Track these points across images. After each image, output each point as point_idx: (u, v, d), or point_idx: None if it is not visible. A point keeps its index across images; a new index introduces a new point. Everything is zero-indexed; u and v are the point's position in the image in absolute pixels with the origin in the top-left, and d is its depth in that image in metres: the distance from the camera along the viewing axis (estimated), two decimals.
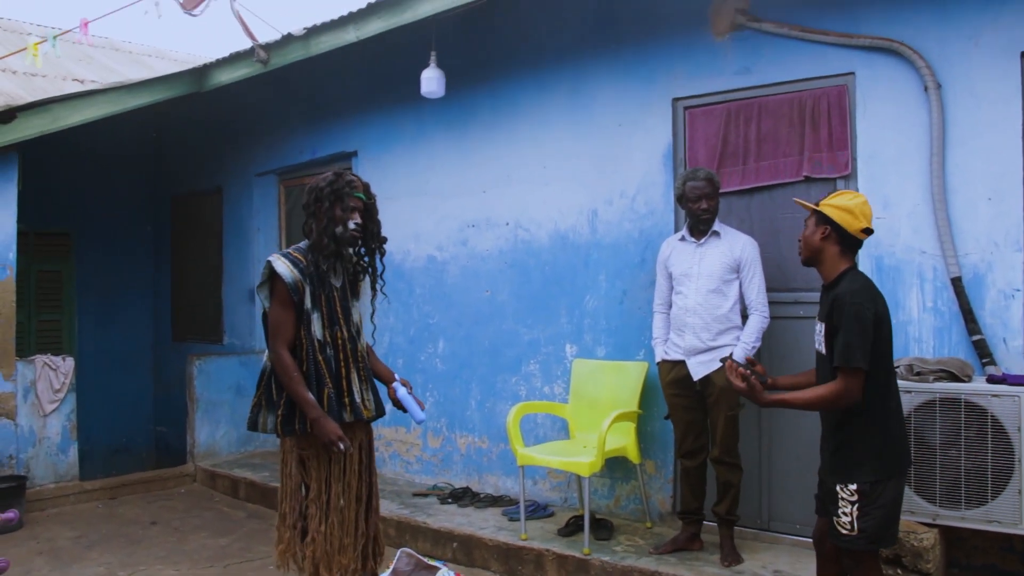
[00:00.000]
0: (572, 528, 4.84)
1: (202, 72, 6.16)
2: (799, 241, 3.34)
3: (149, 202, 8.99)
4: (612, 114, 5.22)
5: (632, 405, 4.87)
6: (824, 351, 3.15)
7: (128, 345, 8.73)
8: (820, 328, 3.19)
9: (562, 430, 5.46)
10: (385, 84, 6.33)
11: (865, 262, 4.28)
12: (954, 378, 3.72)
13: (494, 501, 5.54)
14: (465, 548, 4.92)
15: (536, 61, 5.55)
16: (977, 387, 3.65)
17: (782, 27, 4.52)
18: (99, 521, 5.82)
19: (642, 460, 4.94)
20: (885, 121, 4.26)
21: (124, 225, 8.82)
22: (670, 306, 4.58)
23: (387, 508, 5.31)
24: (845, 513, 3.04)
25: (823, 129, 4.43)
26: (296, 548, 3.50)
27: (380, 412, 3.68)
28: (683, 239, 4.48)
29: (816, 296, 4.36)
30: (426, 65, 5.53)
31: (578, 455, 4.71)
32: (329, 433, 3.35)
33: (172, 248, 8.67)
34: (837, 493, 3.06)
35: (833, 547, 3.28)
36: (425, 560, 3.67)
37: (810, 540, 4.35)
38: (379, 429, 5.77)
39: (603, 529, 4.78)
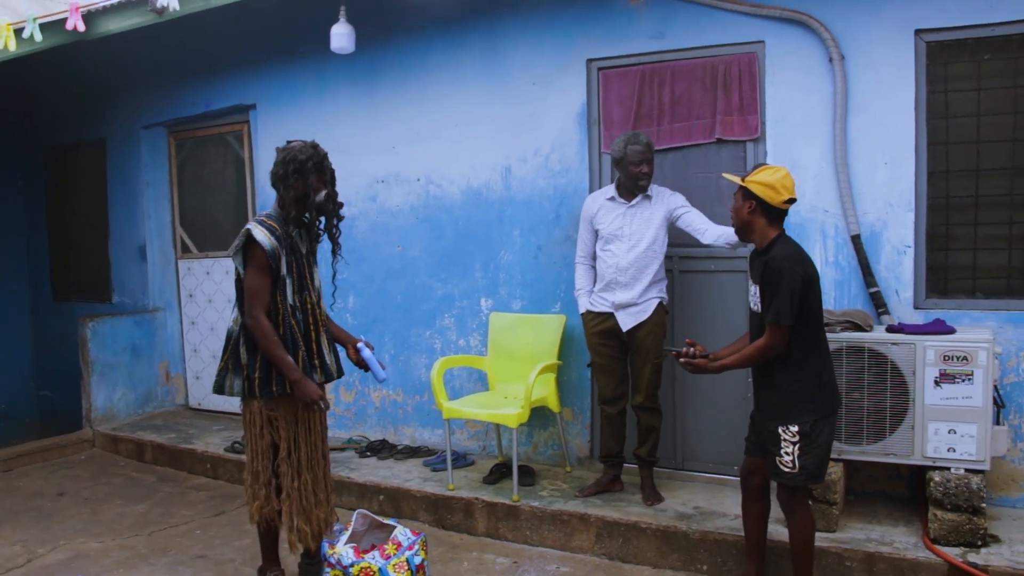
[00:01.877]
0: (496, 476, 5.05)
1: (87, 20, 5.75)
2: (732, 213, 3.60)
3: (19, 154, 8.32)
4: (526, 73, 5.30)
5: (552, 356, 5.08)
6: (759, 310, 3.47)
7: (1, 307, 8.19)
8: (755, 290, 3.50)
9: (478, 381, 5.63)
10: (287, 36, 6.14)
11: None
12: (858, 328, 4.11)
13: (413, 452, 5.68)
14: (392, 500, 5.05)
15: (447, 18, 5.52)
16: (878, 336, 4.06)
17: None
18: None
19: (561, 408, 5.19)
20: (792, 88, 4.56)
21: None
22: (592, 258, 4.78)
23: None
24: (787, 453, 3.40)
25: (734, 94, 4.69)
26: (273, 504, 3.69)
27: (340, 373, 3.86)
28: (612, 199, 4.63)
29: (729, 252, 4.73)
30: (332, 17, 5.41)
31: (503, 407, 4.89)
32: (311, 393, 3.55)
33: (49, 203, 8.12)
34: (779, 435, 3.41)
35: (759, 483, 3.67)
36: (380, 519, 3.77)
37: (723, 477, 4.84)
38: None
39: (527, 475, 5.01)
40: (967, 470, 3.87)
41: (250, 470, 3.75)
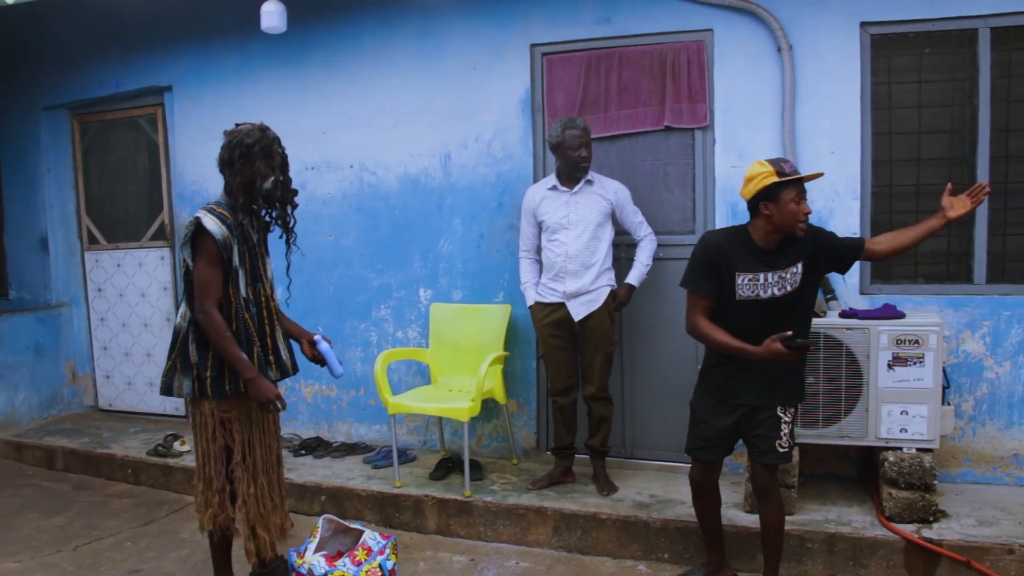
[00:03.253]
0: (443, 471, 4.93)
1: None
2: (805, 218, 3.31)
3: None
4: (465, 57, 5.17)
5: (499, 347, 4.98)
6: (798, 285, 3.31)
7: None
8: (787, 273, 3.30)
9: (417, 374, 5.49)
10: (207, 13, 5.77)
11: (721, 208, 4.65)
12: (813, 314, 4.17)
13: (350, 449, 5.48)
14: (335, 500, 4.84)
15: None
16: (834, 322, 4.15)
17: None
18: None
19: (507, 400, 5.10)
20: (740, 77, 4.60)
21: None
22: (537, 251, 4.70)
23: None
24: (785, 434, 3.44)
25: (683, 81, 4.69)
26: (228, 511, 3.46)
27: (296, 369, 3.69)
28: (554, 188, 4.56)
29: (677, 239, 4.80)
30: None
31: (453, 400, 4.76)
32: (267, 392, 3.33)
33: None
34: (780, 418, 3.42)
35: (715, 481, 3.66)
36: (345, 523, 3.61)
37: (673, 464, 4.85)
38: None
39: (474, 470, 4.89)
40: (918, 449, 4.00)
41: (201, 476, 3.51)
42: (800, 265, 3.33)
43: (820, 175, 3.42)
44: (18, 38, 6.44)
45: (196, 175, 5.98)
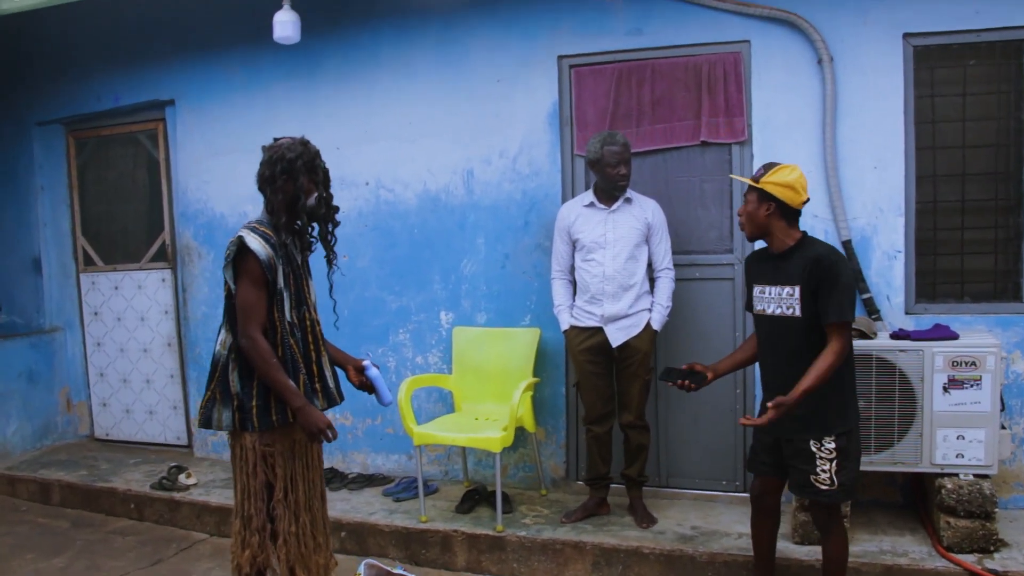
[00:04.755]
0: (470, 504, 4.69)
1: None
2: (740, 216, 3.42)
3: None
4: (489, 69, 4.98)
5: (528, 374, 4.77)
6: (795, 313, 3.22)
7: None
8: (784, 291, 3.26)
9: (438, 401, 5.26)
10: (212, 23, 5.55)
11: None
12: (863, 335, 4.02)
13: (367, 481, 5.24)
14: (357, 536, 4.60)
15: (399, 8, 5.12)
16: (885, 343, 3.99)
17: None
18: None
19: (536, 428, 4.89)
20: (779, 90, 4.45)
21: None
22: (570, 272, 4.51)
23: None
24: (824, 470, 3.22)
25: (719, 95, 4.53)
26: (269, 552, 3.22)
27: (342, 397, 3.47)
28: (591, 205, 4.38)
29: (713, 259, 4.61)
30: (268, 2, 4.91)
31: (483, 430, 4.54)
32: (317, 422, 3.10)
33: None
34: (813, 452, 3.22)
35: (773, 502, 3.52)
36: (387, 568, 3.38)
37: (711, 493, 4.69)
38: None
39: (503, 502, 4.66)
40: (975, 475, 3.85)
41: (240, 514, 3.25)
42: (797, 290, 3.23)
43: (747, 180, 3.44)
44: (10, 50, 6.17)
45: (200, 192, 5.73)
